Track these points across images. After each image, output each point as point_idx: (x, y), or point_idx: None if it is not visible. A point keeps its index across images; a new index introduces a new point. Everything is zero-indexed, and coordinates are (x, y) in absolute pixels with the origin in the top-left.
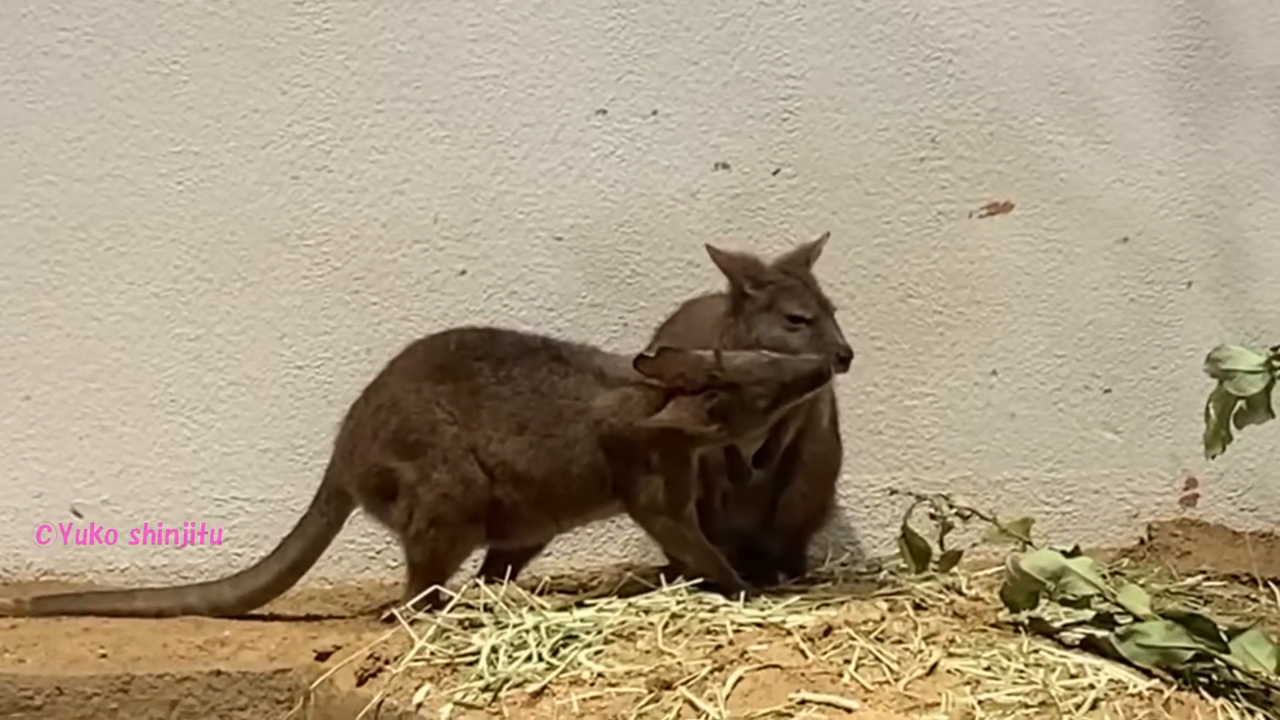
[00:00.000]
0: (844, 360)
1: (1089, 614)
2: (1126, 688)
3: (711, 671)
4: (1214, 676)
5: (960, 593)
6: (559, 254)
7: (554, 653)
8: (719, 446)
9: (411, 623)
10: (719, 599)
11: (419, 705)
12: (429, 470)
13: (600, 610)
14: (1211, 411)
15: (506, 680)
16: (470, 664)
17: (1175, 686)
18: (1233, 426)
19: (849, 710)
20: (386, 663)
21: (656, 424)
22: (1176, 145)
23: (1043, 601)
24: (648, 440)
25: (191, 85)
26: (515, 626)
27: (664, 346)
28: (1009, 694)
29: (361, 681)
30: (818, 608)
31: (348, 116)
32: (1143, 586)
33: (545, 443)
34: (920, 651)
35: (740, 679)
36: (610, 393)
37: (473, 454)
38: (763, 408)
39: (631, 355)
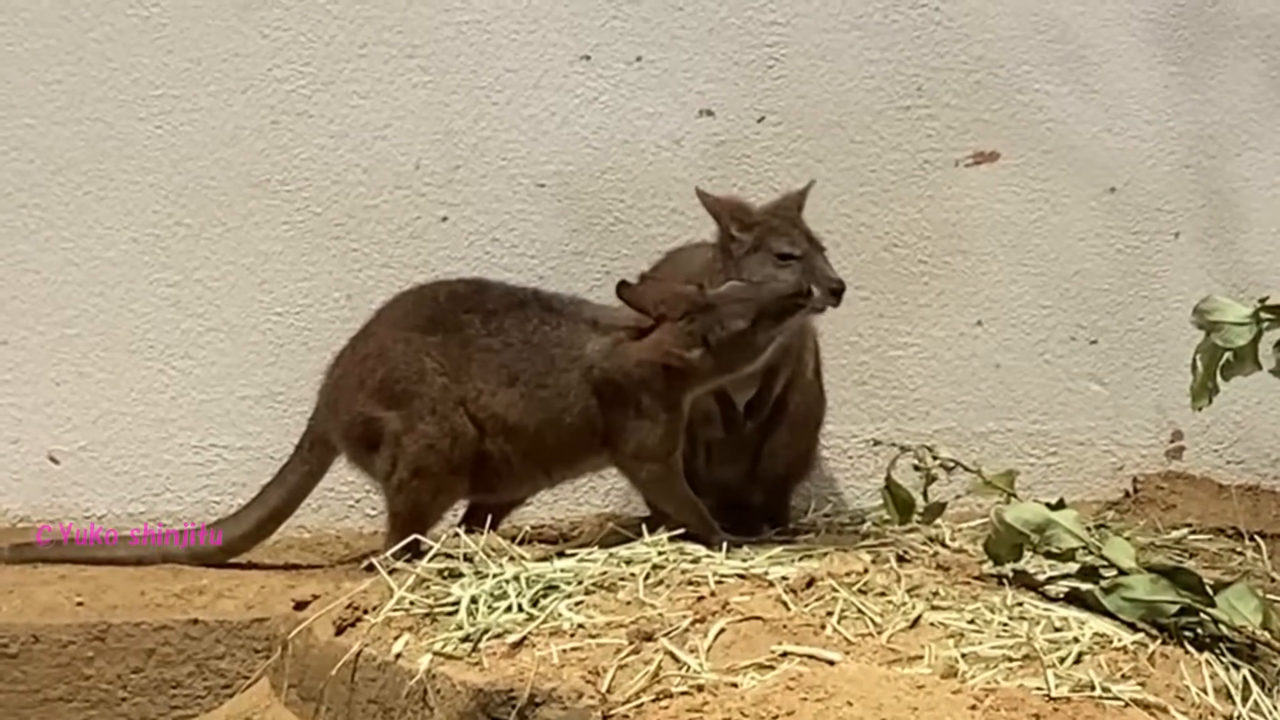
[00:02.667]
0: (836, 293)
1: (1073, 567)
2: (1111, 641)
3: (693, 623)
4: (1199, 630)
5: (944, 545)
6: (541, 201)
7: (534, 603)
8: (707, 387)
9: (391, 572)
10: (701, 550)
11: (398, 655)
12: (415, 420)
13: (581, 561)
14: (1198, 363)
15: (486, 630)
16: (450, 614)
17: (1160, 640)
18: (1219, 378)
19: (831, 663)
20: (365, 612)
21: (640, 351)
22: (1164, 94)
23: (1027, 554)
24: (638, 383)
25: (171, 28)
26: (495, 577)
27: (645, 275)
28: (992, 647)
29: (340, 631)
30: (800, 559)
31: (329, 61)
32: (1128, 539)
33: (537, 393)
34: (903, 604)
35: (722, 631)
36: (602, 338)
37: (462, 407)
38: (741, 327)
39: (624, 307)
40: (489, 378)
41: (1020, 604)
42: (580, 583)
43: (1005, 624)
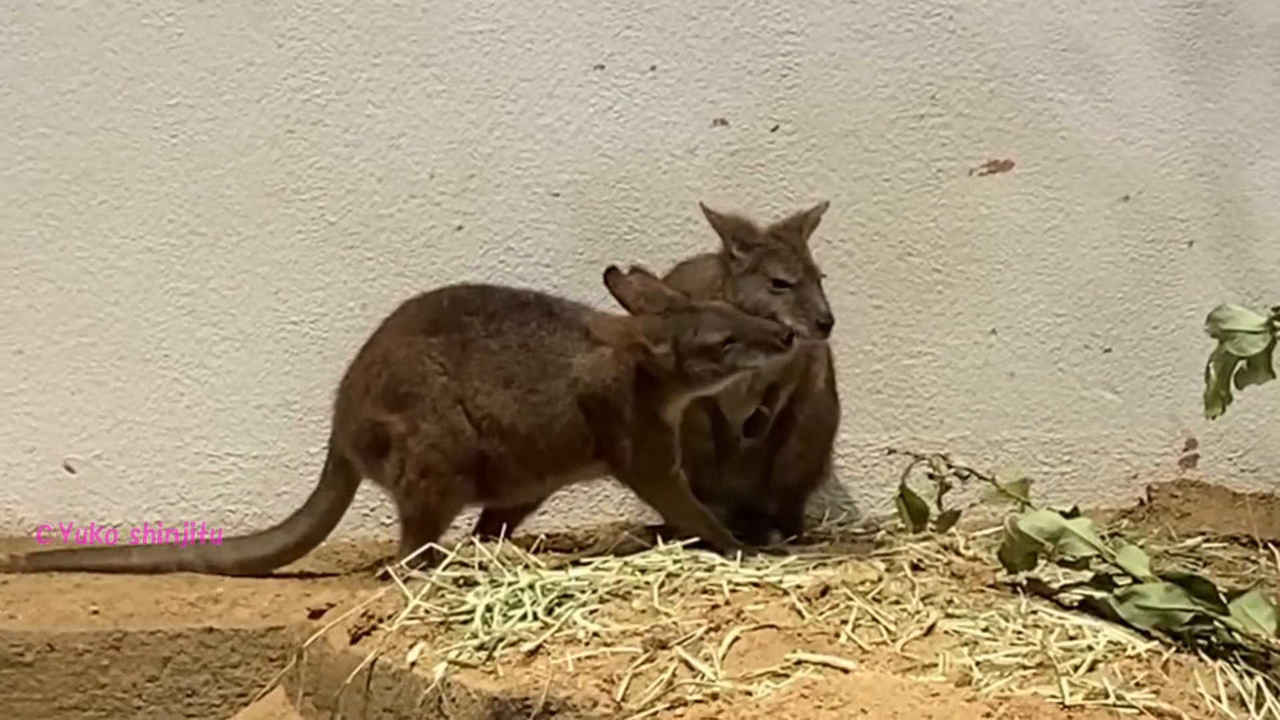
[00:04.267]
0: (823, 326)
1: (1088, 575)
2: (1125, 649)
3: (707, 631)
4: (1213, 639)
5: (958, 553)
6: (556, 210)
7: (549, 611)
8: (680, 401)
9: (406, 580)
10: (716, 558)
11: (413, 664)
12: (418, 421)
13: (596, 569)
14: (1212, 372)
15: (501, 639)
16: (465, 622)
17: (1174, 648)
18: (1233, 387)
19: (846, 671)
20: (380, 621)
21: (608, 335)
22: (1178, 103)
23: (1041, 562)
24: (616, 395)
25: (186, 38)
26: (510, 585)
27: (636, 268)
28: (1007, 655)
29: (355, 639)
30: (815, 568)
31: (344, 70)
32: (1142, 548)
33: (529, 398)
34: (918, 612)
35: (736, 639)
36: (589, 353)
37: (460, 405)
38: (712, 341)
39: (618, 315)
40: (486, 378)
41: (1034, 612)
42: (595, 591)
43: (1019, 632)
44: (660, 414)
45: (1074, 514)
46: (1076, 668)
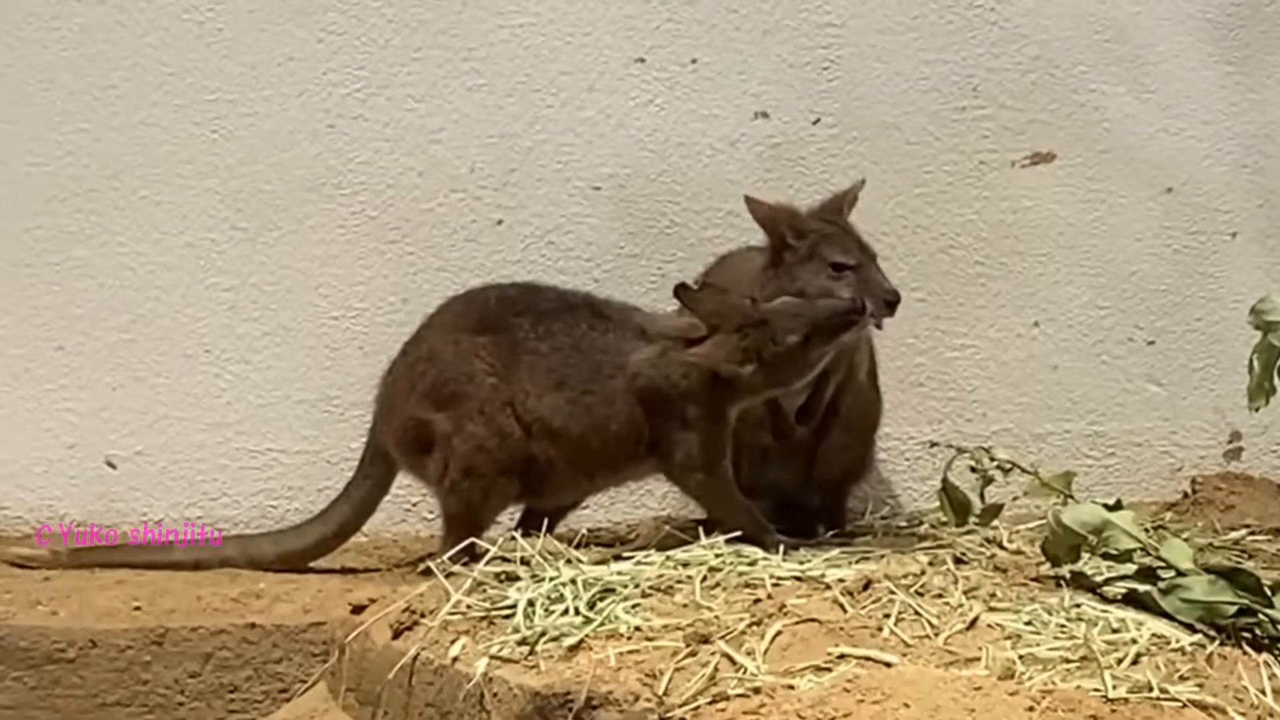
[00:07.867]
0: (891, 305)
1: (1131, 568)
2: (1169, 642)
3: (750, 625)
4: (1257, 631)
5: (1001, 546)
6: (597, 204)
7: (591, 606)
8: (756, 400)
9: (447, 576)
10: (758, 552)
11: (455, 659)
12: (464, 421)
13: (638, 563)
14: (1255, 363)
15: (543, 634)
16: (506, 617)
17: (1218, 641)
18: (1277, 379)
19: (888, 665)
20: (422, 616)
21: (690, 359)
22: (1221, 94)
23: (1084, 556)
24: (684, 394)
25: (226, 32)
26: (552, 580)
27: (706, 283)
28: (1050, 648)
29: (397, 635)
30: (857, 561)
31: (384, 64)
32: (1186, 540)
33: (583, 399)
34: (960, 606)
35: (779, 633)
36: (649, 347)
37: (510, 408)
38: (794, 343)
39: (672, 313)
40: (536, 381)
41: (1078, 605)
42: (637, 585)
43: (1063, 625)
44: (727, 411)
45: (1117, 507)
46: (1120, 661)
